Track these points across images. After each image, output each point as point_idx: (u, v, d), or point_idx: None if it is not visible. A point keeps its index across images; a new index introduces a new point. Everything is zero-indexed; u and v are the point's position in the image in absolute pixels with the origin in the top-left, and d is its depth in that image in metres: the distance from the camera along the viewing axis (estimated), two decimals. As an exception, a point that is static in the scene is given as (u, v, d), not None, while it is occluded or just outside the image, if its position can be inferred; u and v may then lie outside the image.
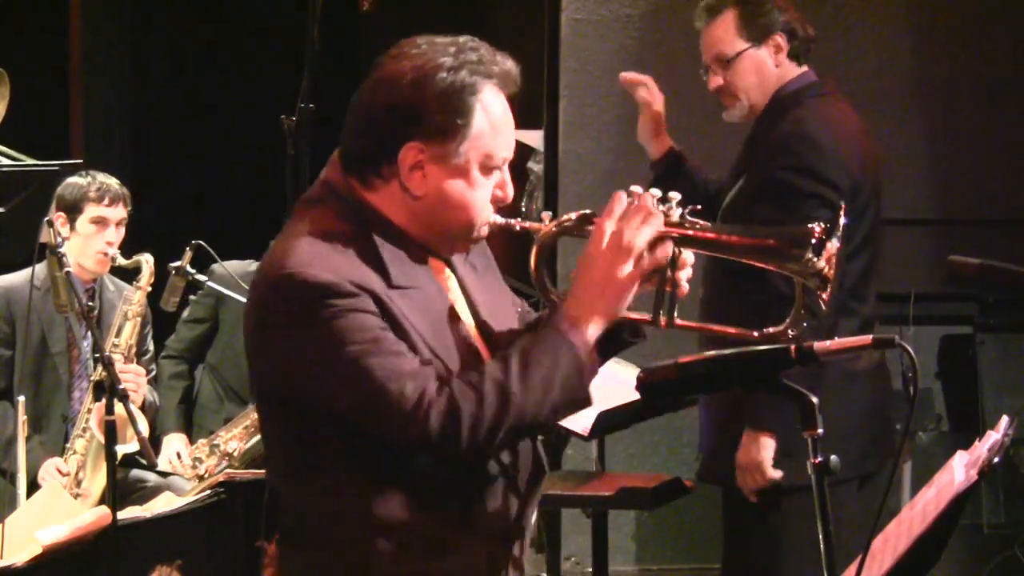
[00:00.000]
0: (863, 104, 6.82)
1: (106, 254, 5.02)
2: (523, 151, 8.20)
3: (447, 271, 2.65)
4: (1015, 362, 6.44)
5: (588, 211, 2.62)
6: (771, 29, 4.01)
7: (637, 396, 2.68)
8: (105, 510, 3.94)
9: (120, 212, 5.10)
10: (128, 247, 5.17)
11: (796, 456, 3.79)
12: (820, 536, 2.41)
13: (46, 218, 4.66)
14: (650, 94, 4.23)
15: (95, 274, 5.15)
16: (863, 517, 3.10)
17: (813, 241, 2.52)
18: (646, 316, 2.62)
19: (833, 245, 2.52)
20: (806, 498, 3.70)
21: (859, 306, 3.96)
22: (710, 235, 2.57)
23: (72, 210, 5.07)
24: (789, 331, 2.58)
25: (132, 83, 9.85)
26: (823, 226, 2.54)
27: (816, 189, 3.85)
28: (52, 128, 8.72)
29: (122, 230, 5.13)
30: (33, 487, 4.81)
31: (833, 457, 2.43)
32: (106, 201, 5.07)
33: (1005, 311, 6.39)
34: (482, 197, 2.55)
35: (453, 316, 2.57)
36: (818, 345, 2.44)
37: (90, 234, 5.05)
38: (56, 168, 5.49)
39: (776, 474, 3.85)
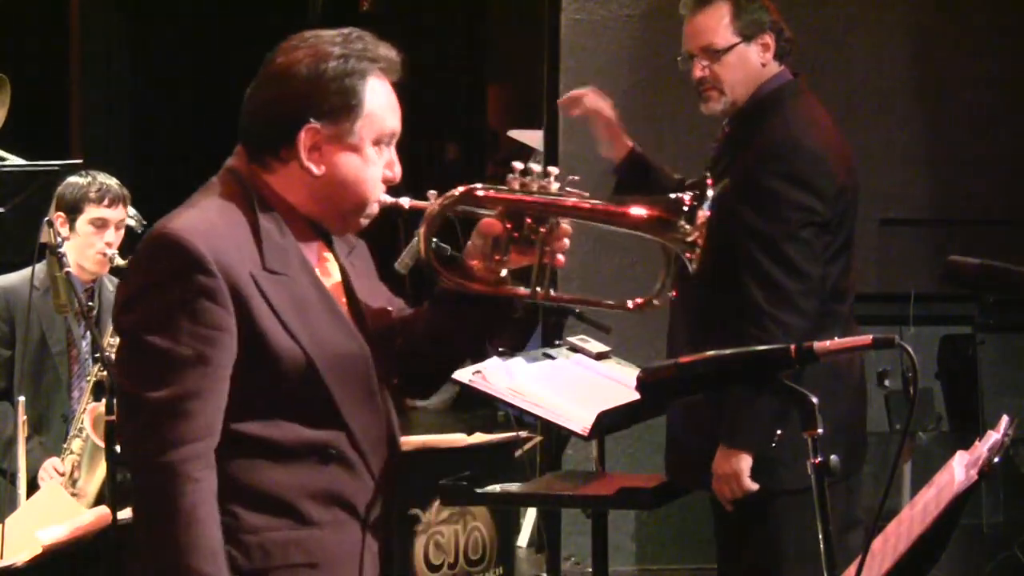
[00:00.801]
0: (863, 104, 6.86)
1: (105, 254, 5.02)
2: (523, 151, 8.21)
3: (331, 258, 2.79)
4: (1015, 362, 6.44)
5: (474, 185, 2.77)
6: (762, 26, 4.00)
7: (637, 396, 2.69)
8: (105, 510, 3.94)
9: (120, 213, 5.09)
10: (128, 247, 5.17)
11: (784, 462, 3.81)
12: (820, 536, 2.41)
13: (46, 218, 4.65)
14: (594, 102, 4.24)
15: (95, 274, 5.14)
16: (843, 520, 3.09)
17: (685, 209, 2.71)
18: (524, 290, 2.77)
19: (704, 213, 2.69)
20: (796, 501, 3.70)
21: (840, 306, 3.96)
22: (585, 205, 2.77)
23: (72, 210, 5.06)
24: (655, 300, 2.83)
25: (132, 83, 9.86)
26: (693, 194, 2.70)
27: (806, 202, 3.83)
28: (52, 128, 8.73)
29: (122, 231, 5.13)
30: (33, 487, 4.80)
31: (833, 457, 2.43)
32: (106, 202, 5.06)
33: (1005, 311, 6.39)
34: (375, 174, 2.72)
35: (328, 304, 2.71)
36: (818, 345, 2.44)
37: (90, 235, 5.04)
38: (56, 168, 5.48)
39: (753, 485, 3.83)
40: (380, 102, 2.71)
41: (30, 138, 6.56)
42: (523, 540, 6.78)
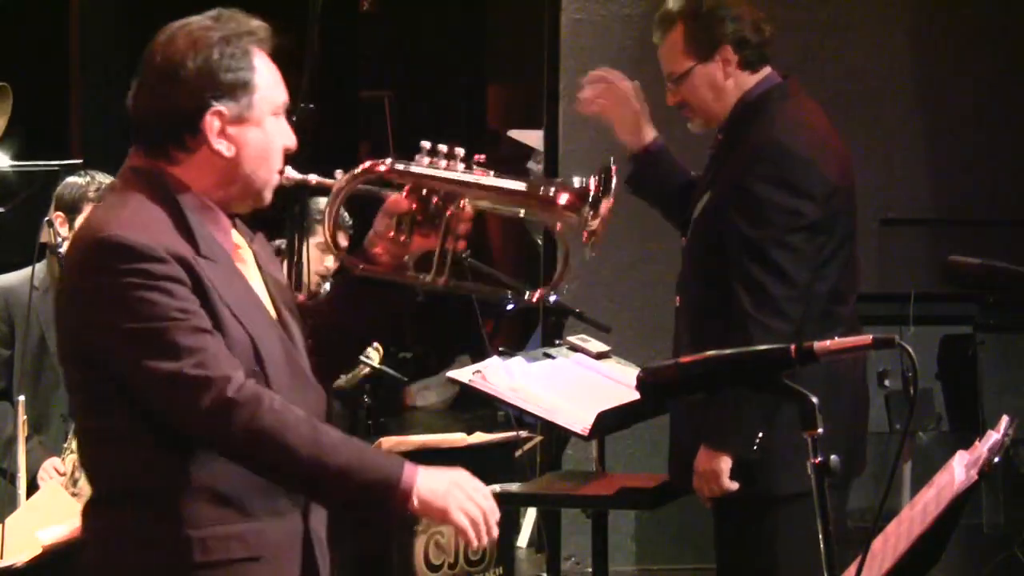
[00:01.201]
0: (863, 104, 6.85)
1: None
2: (523, 151, 8.21)
3: (243, 245, 2.83)
4: (1015, 362, 6.44)
5: (377, 160, 2.89)
6: (717, 43, 3.93)
7: (637, 396, 2.69)
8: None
9: (120, 212, 5.09)
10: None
11: (783, 465, 3.80)
12: (820, 536, 2.41)
13: (46, 218, 4.65)
14: (622, 89, 4.21)
15: (95, 274, 5.14)
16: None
17: (590, 197, 2.76)
18: (425, 277, 2.86)
19: (607, 203, 2.76)
20: (794, 504, 3.69)
21: (840, 308, 3.93)
22: (489, 183, 2.82)
23: (71, 210, 5.06)
24: (551, 294, 2.96)
25: (132, 83, 9.86)
26: (599, 181, 2.77)
27: (793, 205, 3.81)
28: (52, 128, 8.72)
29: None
30: (33, 487, 4.80)
31: (833, 457, 2.42)
32: (106, 201, 5.06)
33: (1005, 311, 6.39)
34: (277, 146, 2.77)
35: (251, 292, 2.74)
36: (818, 345, 2.44)
37: (90, 234, 5.04)
38: (56, 168, 5.48)
39: (732, 485, 3.82)
40: (268, 74, 2.75)
41: (30, 139, 6.56)
42: (523, 540, 6.78)
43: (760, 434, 3.75)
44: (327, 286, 5.48)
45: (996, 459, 2.49)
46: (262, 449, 2.58)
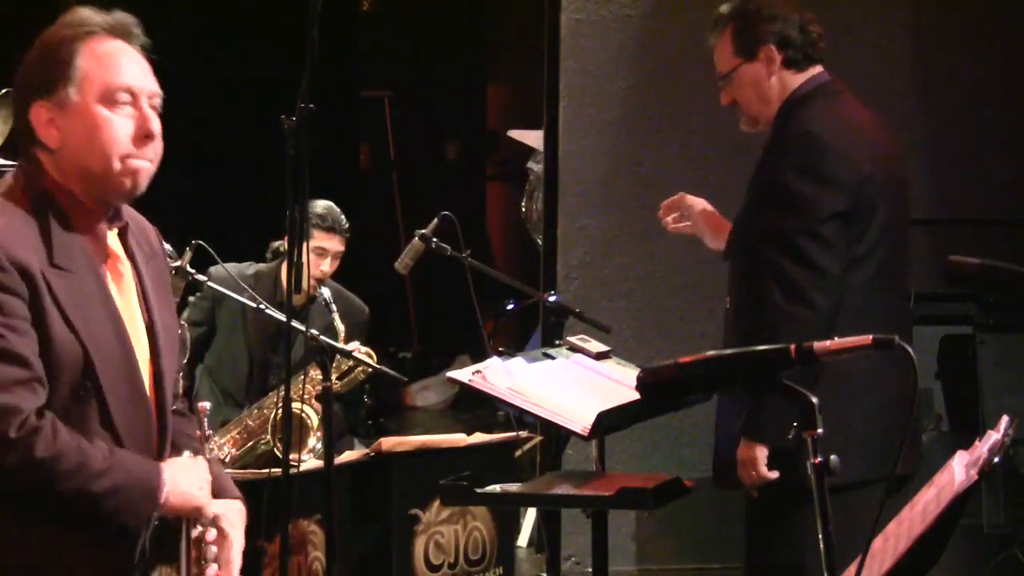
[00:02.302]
0: (863, 104, 6.84)
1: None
2: (523, 151, 8.21)
3: (123, 258, 2.83)
4: (1015, 362, 6.43)
5: None
6: (760, 43, 4.02)
7: (637, 396, 2.68)
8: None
9: (120, 212, 5.09)
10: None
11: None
12: (820, 536, 2.41)
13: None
14: (693, 204, 4.30)
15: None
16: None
17: None
18: None
19: None
20: (833, 500, 3.70)
21: (880, 303, 3.95)
22: None
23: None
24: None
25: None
26: None
27: (823, 193, 3.86)
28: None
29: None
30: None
31: (833, 457, 2.43)
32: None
33: (1005, 311, 6.38)
34: (113, 133, 2.74)
35: (107, 303, 2.75)
36: (818, 345, 2.44)
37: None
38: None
39: (771, 474, 3.89)
40: (95, 61, 2.75)
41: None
42: (523, 540, 6.78)
43: (795, 424, 3.78)
44: (324, 290, 5.49)
45: (996, 459, 2.49)
46: (29, 486, 2.64)
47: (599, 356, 4.23)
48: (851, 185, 3.88)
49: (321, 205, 5.80)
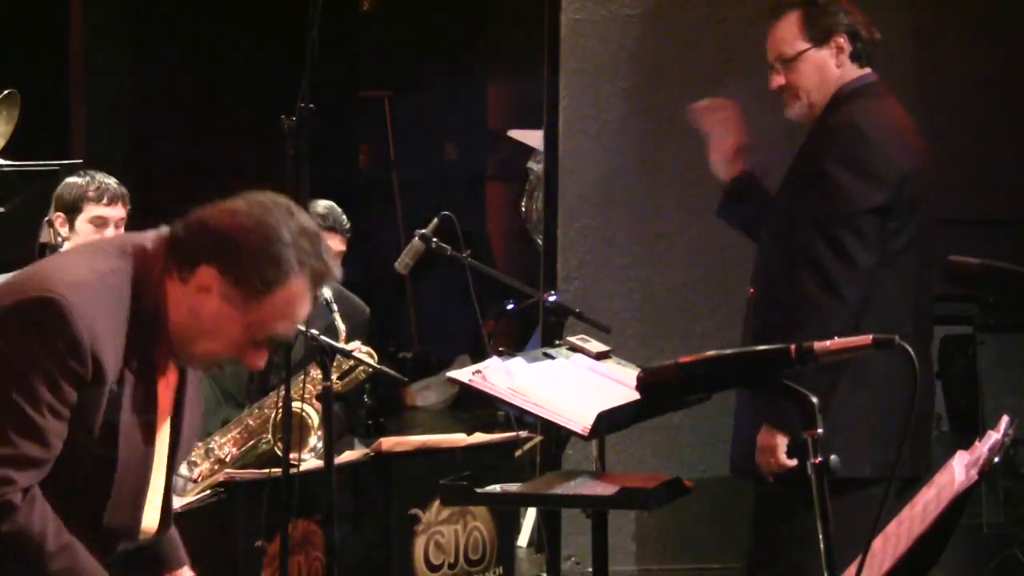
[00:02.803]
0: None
1: (106, 254, 5.01)
2: (523, 151, 8.21)
3: (178, 377, 2.96)
4: (1015, 362, 6.44)
5: None
6: (833, 30, 4.09)
7: (637, 396, 2.68)
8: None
9: (119, 211, 5.10)
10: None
11: (837, 450, 3.82)
12: (820, 536, 2.41)
13: (46, 218, 4.65)
14: (727, 119, 4.30)
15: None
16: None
17: None
18: None
19: None
20: (846, 495, 3.71)
21: (910, 305, 4.00)
22: None
23: (71, 210, 5.06)
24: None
25: (132, 83, 9.85)
26: None
27: (864, 186, 3.92)
28: (52, 128, 8.72)
29: (121, 230, 5.13)
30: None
31: (833, 457, 2.43)
32: (105, 201, 5.06)
33: (1005, 311, 6.39)
34: (233, 347, 2.85)
35: (150, 415, 2.85)
36: (818, 345, 2.44)
37: (89, 233, 5.04)
38: (56, 168, 5.49)
39: (789, 462, 3.89)
40: (284, 301, 2.80)
41: (31, 144, 6.57)
42: (523, 540, 6.77)
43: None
44: (325, 290, 5.49)
45: (996, 459, 2.49)
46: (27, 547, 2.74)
47: (599, 356, 4.23)
48: (892, 181, 3.94)
49: (322, 205, 5.80)
